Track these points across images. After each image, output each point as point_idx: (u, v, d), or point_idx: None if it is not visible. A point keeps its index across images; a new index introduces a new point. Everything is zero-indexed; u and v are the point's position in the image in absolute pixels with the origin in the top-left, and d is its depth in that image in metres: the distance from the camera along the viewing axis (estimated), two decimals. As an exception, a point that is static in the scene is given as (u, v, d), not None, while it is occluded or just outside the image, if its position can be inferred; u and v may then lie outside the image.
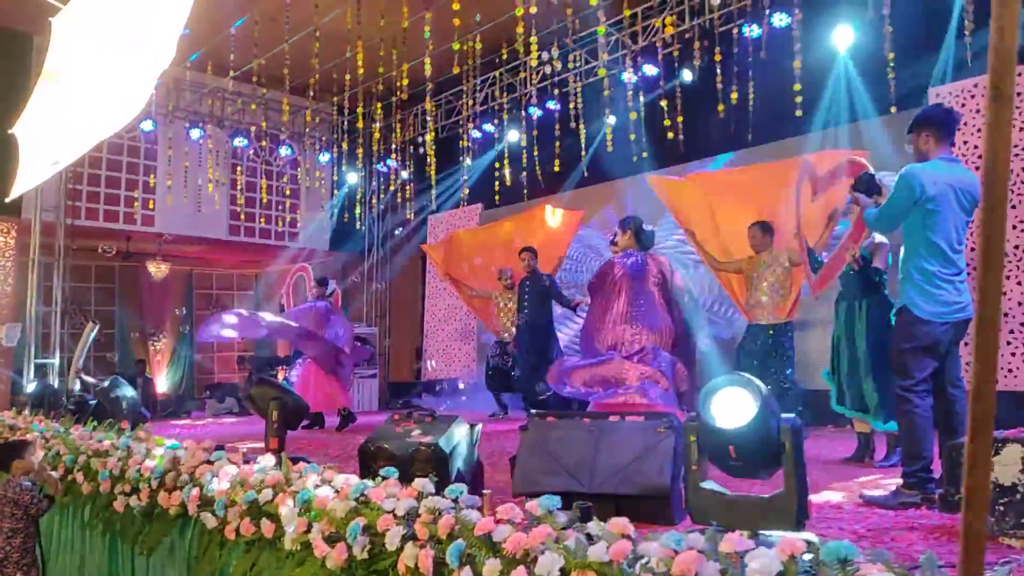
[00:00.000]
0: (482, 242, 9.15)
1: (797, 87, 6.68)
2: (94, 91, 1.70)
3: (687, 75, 7.94)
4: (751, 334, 5.62)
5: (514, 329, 8.03)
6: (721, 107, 7.28)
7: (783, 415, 2.29)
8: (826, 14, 6.96)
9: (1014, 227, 6.04)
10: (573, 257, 9.58)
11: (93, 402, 7.44)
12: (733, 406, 2.31)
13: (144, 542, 3.64)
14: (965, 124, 6.16)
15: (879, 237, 4.63)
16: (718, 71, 7.43)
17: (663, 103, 7.76)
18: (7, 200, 1.61)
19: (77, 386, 9.48)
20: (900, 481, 3.32)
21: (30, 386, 8.36)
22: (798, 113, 6.87)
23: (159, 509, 3.56)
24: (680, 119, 7.79)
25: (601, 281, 5.63)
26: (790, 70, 6.73)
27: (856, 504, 3.28)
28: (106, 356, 13.36)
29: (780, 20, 6.92)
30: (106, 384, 6.49)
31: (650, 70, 8.23)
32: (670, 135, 7.82)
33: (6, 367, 9.99)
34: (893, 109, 6.45)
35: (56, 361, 10.19)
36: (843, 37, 6.86)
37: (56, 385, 9.31)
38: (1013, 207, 6.12)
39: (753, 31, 7.24)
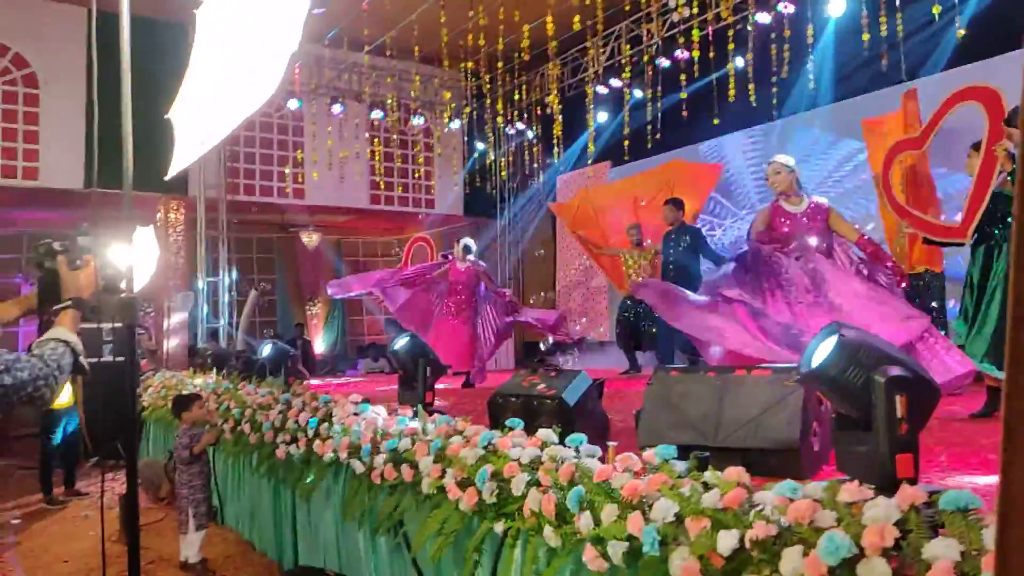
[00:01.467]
0: (610, 199, 9.11)
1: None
2: (232, 75, 1.88)
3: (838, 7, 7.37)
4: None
5: None
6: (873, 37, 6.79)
7: (884, 366, 2.16)
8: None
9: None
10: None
11: (259, 362, 8.17)
12: (822, 351, 2.27)
13: (303, 486, 4.01)
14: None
15: None
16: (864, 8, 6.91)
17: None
18: (166, 179, 1.83)
19: (242, 347, 10.43)
20: None
21: (265, 347, 9.17)
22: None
23: (315, 456, 3.91)
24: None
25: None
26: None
27: (980, 460, 3.07)
28: (270, 320, 14.53)
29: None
30: (269, 348, 7.05)
31: (787, 8, 7.77)
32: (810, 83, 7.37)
33: (183, 331, 11.10)
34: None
35: (224, 325, 11.23)
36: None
37: (225, 346, 10.29)
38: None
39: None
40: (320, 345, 15.18)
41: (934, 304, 5.24)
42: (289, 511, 4.46)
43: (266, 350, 6.76)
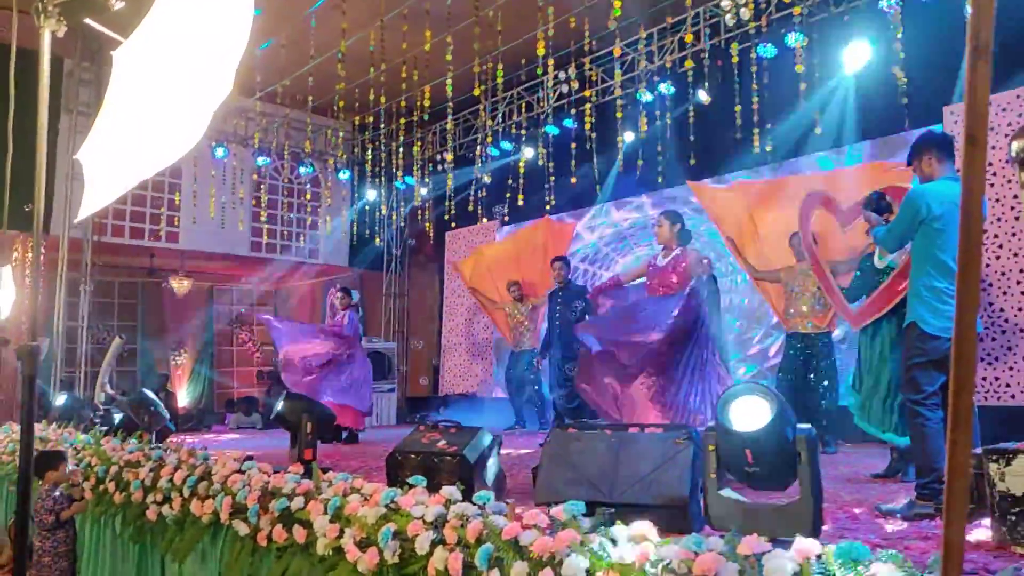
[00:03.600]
0: (499, 257, 9.37)
1: (813, 109, 6.78)
2: (154, 121, 1.83)
3: (703, 95, 8.05)
4: (789, 344, 5.71)
5: (526, 341, 8.18)
6: (733, 119, 7.41)
7: (800, 425, 2.37)
8: (837, 34, 7.08)
9: (1015, 254, 6.06)
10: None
11: (119, 415, 7.61)
12: (750, 412, 2.40)
13: (177, 550, 3.75)
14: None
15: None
16: (736, 90, 7.55)
17: (687, 116, 7.87)
18: (75, 222, 1.73)
19: (102, 399, 9.68)
20: (914, 494, 3.38)
21: (58, 399, 8.53)
22: (817, 131, 6.98)
23: (191, 517, 3.68)
24: (692, 139, 7.91)
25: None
26: (802, 89, 6.85)
27: (872, 515, 3.35)
28: (129, 370, 13.58)
29: (794, 40, 7.02)
30: (133, 397, 6.64)
31: (666, 89, 8.35)
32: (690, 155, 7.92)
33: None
34: (907, 126, 6.52)
35: (82, 375, 10.39)
36: (857, 57, 6.95)
37: (82, 398, 9.50)
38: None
39: (768, 50, 7.34)
40: (184, 398, 14.31)
41: (830, 361, 5.65)
42: (158, 578, 4.14)
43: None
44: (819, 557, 1.72)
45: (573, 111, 9.05)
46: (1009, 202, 6.07)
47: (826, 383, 5.60)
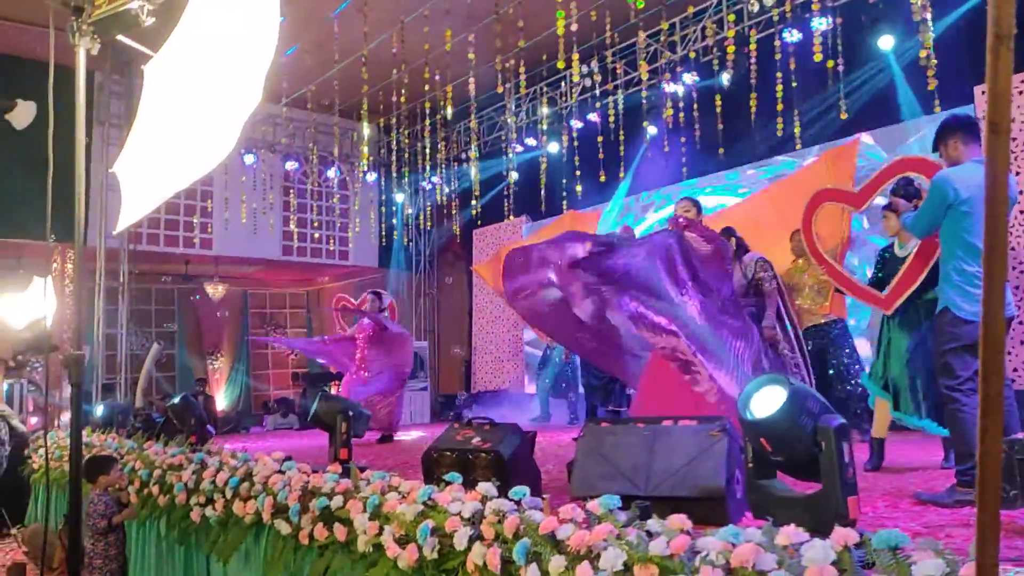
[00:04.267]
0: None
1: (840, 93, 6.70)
2: (187, 132, 1.88)
3: (725, 78, 7.97)
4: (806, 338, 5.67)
5: None
6: (753, 108, 7.34)
7: (827, 415, 2.34)
8: (866, 19, 6.97)
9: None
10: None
11: (160, 419, 7.78)
12: (766, 401, 2.41)
13: (221, 550, 3.84)
14: (1013, 120, 6.10)
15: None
16: (753, 77, 7.47)
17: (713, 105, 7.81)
18: (115, 234, 1.79)
19: (142, 404, 9.90)
20: (954, 480, 3.33)
21: (98, 408, 8.74)
22: (843, 116, 6.89)
23: (234, 518, 3.75)
24: (720, 126, 7.85)
25: None
26: (830, 74, 6.77)
27: (912, 503, 3.31)
28: (168, 375, 13.86)
29: (820, 23, 6.92)
30: (176, 401, 6.78)
31: (689, 79, 8.29)
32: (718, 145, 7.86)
33: (77, 388, 10.42)
34: (938, 109, 6.40)
35: (122, 381, 10.64)
36: (885, 41, 6.86)
37: (123, 404, 9.73)
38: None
39: (793, 36, 7.25)
40: (222, 401, 14.57)
41: (847, 351, 5.58)
42: (203, 578, 4.23)
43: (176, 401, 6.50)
44: (858, 545, 1.71)
45: (597, 104, 9.03)
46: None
47: (855, 368, 5.52)
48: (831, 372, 5.54)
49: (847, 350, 5.58)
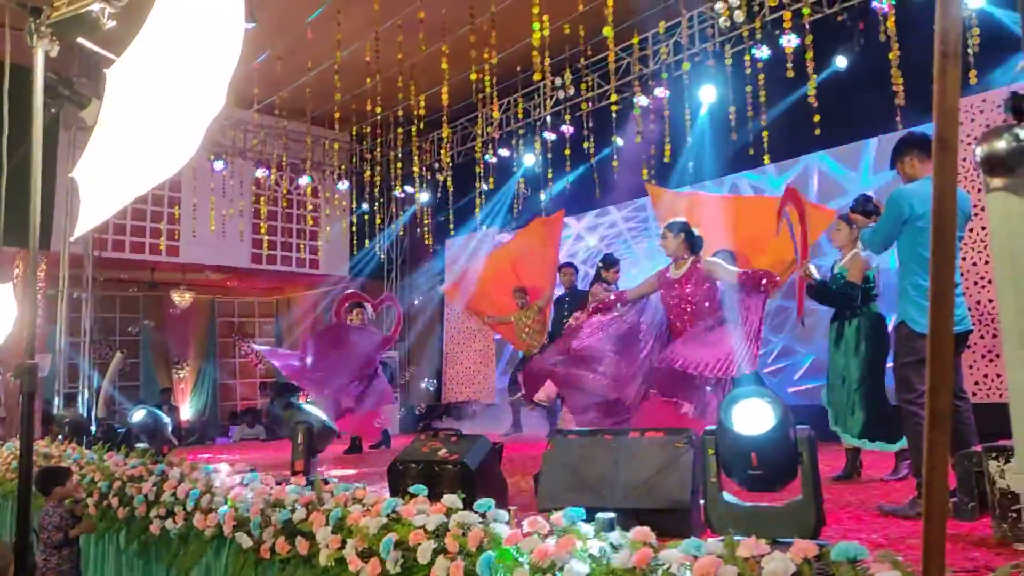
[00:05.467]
0: (491, 269, 9.35)
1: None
2: (148, 137, 1.84)
3: (703, 95, 8.08)
4: None
5: (536, 343, 8.18)
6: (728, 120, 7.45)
7: (799, 425, 2.38)
8: (831, 34, 7.11)
9: None
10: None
11: (122, 430, 7.62)
12: (754, 416, 2.41)
13: (181, 563, 3.76)
14: (965, 139, 6.26)
15: (861, 252, 4.67)
16: (730, 93, 7.58)
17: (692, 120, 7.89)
18: (72, 240, 1.74)
19: (104, 414, 9.68)
20: (915, 493, 3.38)
21: (64, 414, 8.54)
22: (816, 132, 7.01)
23: (195, 531, 3.68)
24: (689, 140, 7.94)
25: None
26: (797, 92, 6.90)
27: (873, 515, 3.34)
28: (132, 385, 13.59)
29: (788, 42, 7.05)
30: (136, 412, 6.64)
31: (661, 93, 8.38)
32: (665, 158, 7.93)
33: (38, 397, 10.19)
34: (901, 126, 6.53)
35: (84, 391, 10.41)
36: (850, 56, 7.01)
37: (85, 414, 9.51)
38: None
39: (763, 53, 7.37)
40: (187, 411, 14.31)
41: None
42: (162, 592, 4.14)
43: (137, 415, 6.35)
44: (818, 557, 1.72)
45: (568, 116, 9.08)
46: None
47: None
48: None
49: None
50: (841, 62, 7.12)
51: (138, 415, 6.31)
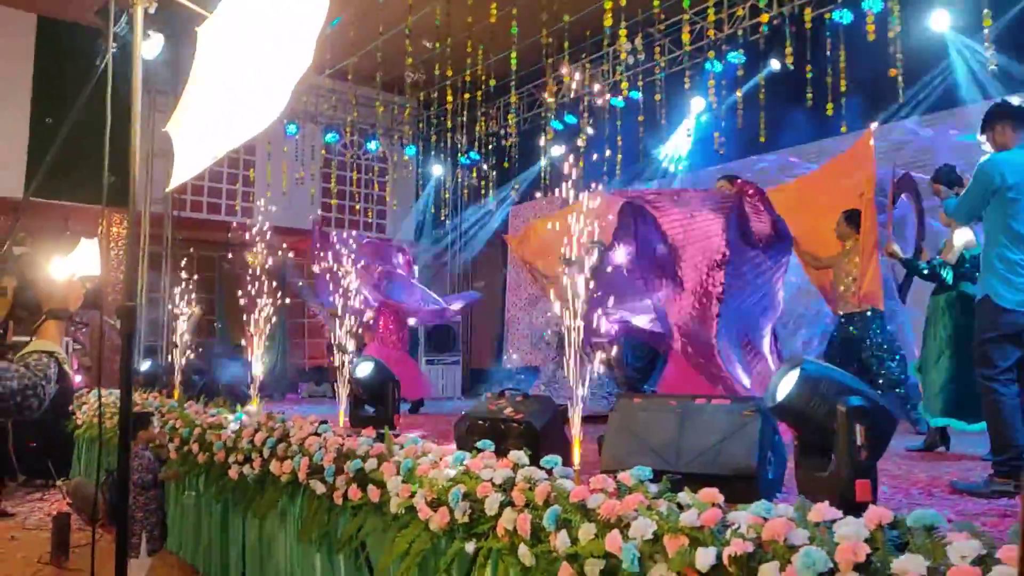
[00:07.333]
0: (550, 230, 9.29)
1: (894, 72, 6.53)
2: (238, 94, 1.91)
3: (775, 64, 7.83)
4: (837, 326, 5.62)
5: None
6: (810, 96, 7.19)
7: (845, 396, 2.32)
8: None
9: None
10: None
11: (200, 381, 7.98)
12: (786, 383, 2.42)
13: (258, 508, 3.94)
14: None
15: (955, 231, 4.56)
16: (808, 57, 7.32)
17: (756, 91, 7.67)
18: (167, 191, 1.84)
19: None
20: (991, 471, 3.28)
21: (143, 365, 8.99)
22: (900, 99, 6.74)
23: (271, 477, 3.85)
24: (761, 114, 7.72)
25: None
26: (882, 56, 6.60)
27: (947, 491, 3.27)
28: (207, 340, 14.15)
29: (870, 5, 6.75)
30: (214, 364, 6.96)
31: (736, 59, 8.15)
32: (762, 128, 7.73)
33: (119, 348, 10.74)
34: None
35: (164, 344, 10.91)
36: (940, 20, 6.67)
37: (164, 365, 9.98)
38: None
39: (844, 17, 7.08)
40: (258, 367, 14.81)
41: (880, 340, 5.49)
42: (239, 535, 4.36)
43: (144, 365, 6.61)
44: (893, 525, 1.71)
45: (640, 83, 8.92)
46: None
47: (888, 357, 5.45)
48: (864, 359, 5.48)
49: (880, 339, 5.50)
50: (939, 22, 6.73)
51: (144, 365, 6.59)
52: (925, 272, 4.73)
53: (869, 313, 5.44)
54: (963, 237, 4.50)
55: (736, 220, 4.69)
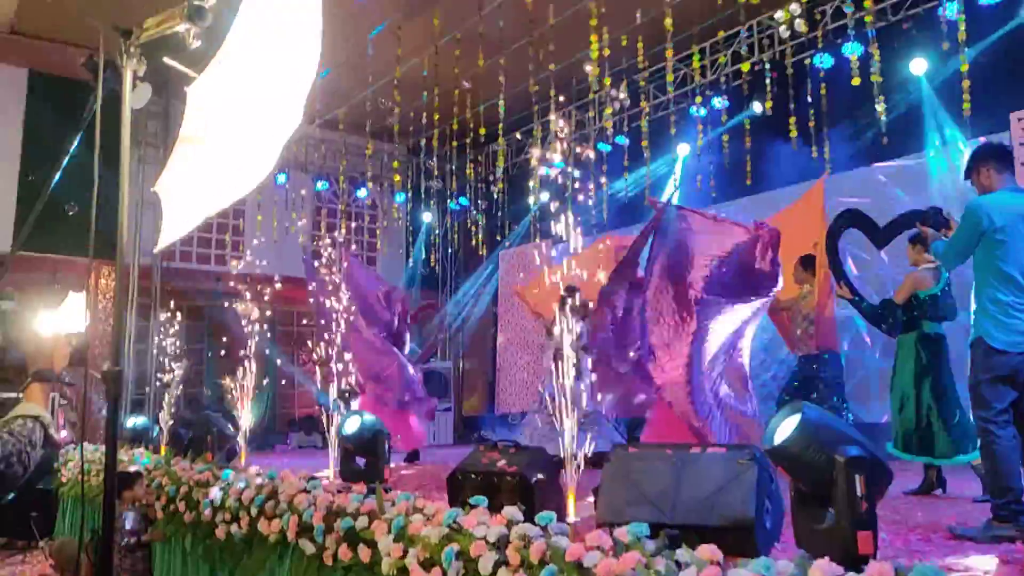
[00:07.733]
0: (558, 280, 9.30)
1: (882, 113, 6.66)
2: (229, 153, 1.92)
3: (757, 107, 7.96)
4: (798, 365, 5.71)
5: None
6: (793, 133, 7.31)
7: (843, 446, 2.30)
8: (900, 44, 6.94)
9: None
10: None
11: (187, 434, 7.84)
12: (785, 429, 2.40)
13: (246, 568, 3.84)
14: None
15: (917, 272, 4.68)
16: (791, 103, 7.45)
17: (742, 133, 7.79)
18: (155, 251, 1.82)
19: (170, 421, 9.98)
20: (990, 514, 3.24)
21: (129, 420, 8.85)
22: (884, 141, 6.85)
23: (259, 536, 3.76)
24: (747, 156, 7.83)
25: None
26: (861, 100, 6.74)
27: (945, 537, 3.22)
28: (195, 392, 13.99)
29: (851, 51, 6.91)
30: (200, 418, 6.85)
31: (719, 103, 8.29)
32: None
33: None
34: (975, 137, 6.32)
35: (152, 396, 10.77)
36: (918, 67, 6.83)
37: (151, 420, 9.82)
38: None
39: (824, 62, 7.24)
40: (247, 418, 14.63)
41: (834, 381, 5.58)
42: (227, 596, 4.24)
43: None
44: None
45: (626, 128, 9.05)
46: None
47: (838, 400, 5.54)
48: (814, 399, 5.53)
49: (835, 381, 5.60)
50: (917, 67, 6.89)
51: (131, 421, 6.51)
52: (867, 313, 4.91)
53: (826, 356, 5.54)
54: (917, 280, 4.63)
55: (738, 257, 4.96)
